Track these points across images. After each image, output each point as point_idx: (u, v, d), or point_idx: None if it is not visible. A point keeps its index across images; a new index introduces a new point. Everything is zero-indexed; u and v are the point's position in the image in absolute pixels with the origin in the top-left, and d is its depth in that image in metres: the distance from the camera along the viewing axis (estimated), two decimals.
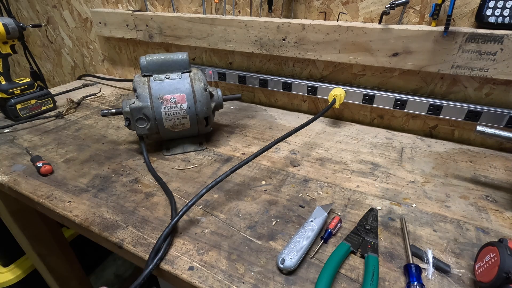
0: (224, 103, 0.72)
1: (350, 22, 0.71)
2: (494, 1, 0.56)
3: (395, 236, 0.45)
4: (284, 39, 0.76)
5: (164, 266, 0.41)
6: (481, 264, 0.37)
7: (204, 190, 0.47)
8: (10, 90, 0.80)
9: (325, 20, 0.73)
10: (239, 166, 0.51)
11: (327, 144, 0.70)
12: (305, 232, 0.43)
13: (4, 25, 0.75)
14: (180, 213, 0.45)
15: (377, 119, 0.80)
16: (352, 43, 0.69)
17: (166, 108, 0.61)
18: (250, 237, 0.45)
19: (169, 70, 0.64)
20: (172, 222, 0.44)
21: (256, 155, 0.54)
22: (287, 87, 0.83)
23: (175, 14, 0.88)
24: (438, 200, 0.52)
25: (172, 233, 0.44)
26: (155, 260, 0.40)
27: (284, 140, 0.71)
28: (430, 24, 0.64)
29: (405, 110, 0.71)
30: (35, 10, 1.29)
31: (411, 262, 0.40)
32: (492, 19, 0.57)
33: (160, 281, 0.93)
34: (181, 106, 0.62)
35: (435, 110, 0.68)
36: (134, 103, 0.61)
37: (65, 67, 1.39)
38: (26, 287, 0.99)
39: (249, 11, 0.81)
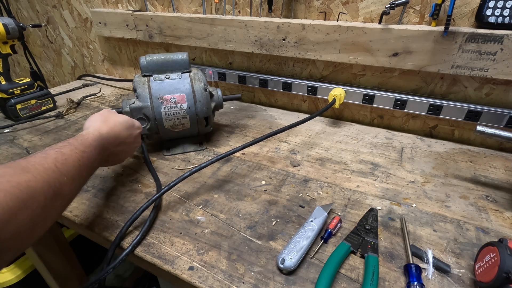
0: (224, 103, 0.72)
1: (350, 22, 0.71)
2: (494, 1, 0.56)
3: (395, 236, 0.45)
4: (284, 39, 0.76)
5: (164, 266, 0.41)
6: (481, 264, 0.37)
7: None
8: (10, 90, 0.80)
9: (325, 20, 0.73)
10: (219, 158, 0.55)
11: (327, 144, 0.70)
12: (305, 232, 0.43)
13: (4, 25, 0.75)
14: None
15: (377, 119, 0.80)
16: (352, 43, 0.69)
17: (166, 108, 0.61)
18: (250, 237, 0.45)
19: (169, 70, 0.64)
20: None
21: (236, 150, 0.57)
22: (287, 87, 0.83)
23: (175, 14, 0.88)
24: (438, 200, 0.52)
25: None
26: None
27: (284, 140, 0.71)
28: (430, 24, 0.64)
29: (405, 110, 0.71)
30: (35, 10, 1.29)
31: (411, 262, 0.40)
32: (492, 19, 0.57)
33: (160, 281, 0.93)
34: (181, 106, 0.62)
35: (435, 110, 0.68)
36: (134, 103, 0.61)
37: (65, 67, 1.39)
38: (26, 287, 0.99)
39: (249, 11, 0.81)
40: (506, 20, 0.56)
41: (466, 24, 0.61)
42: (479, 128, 0.52)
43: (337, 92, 0.73)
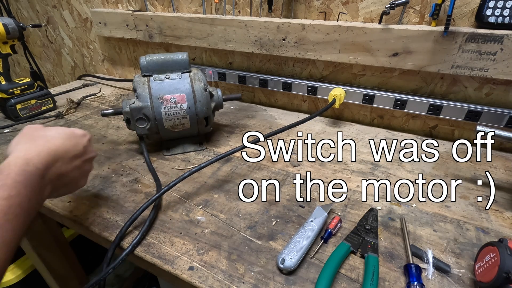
0: (224, 103, 0.72)
1: (350, 22, 0.71)
2: (494, 1, 0.56)
3: (395, 236, 0.45)
4: (284, 39, 0.76)
5: (164, 266, 0.41)
6: (481, 264, 0.37)
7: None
8: (10, 90, 0.80)
9: (325, 20, 0.73)
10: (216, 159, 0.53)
11: None
12: (305, 232, 0.43)
13: (4, 25, 0.75)
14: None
15: (377, 119, 0.80)
16: (352, 43, 0.69)
17: (166, 108, 0.61)
18: (250, 237, 0.45)
19: (169, 70, 0.64)
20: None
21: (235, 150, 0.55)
22: (287, 87, 0.83)
23: (175, 14, 0.88)
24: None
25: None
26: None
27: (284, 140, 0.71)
28: (430, 24, 0.64)
29: (405, 110, 0.71)
30: (35, 10, 1.29)
31: (411, 262, 0.40)
32: (492, 19, 0.57)
33: (160, 281, 0.94)
34: (181, 106, 0.62)
35: (435, 110, 0.68)
36: (134, 103, 0.61)
37: (65, 67, 1.39)
38: (26, 287, 0.99)
39: (249, 11, 0.81)
40: (506, 20, 0.56)
41: (466, 24, 0.61)
42: (479, 128, 0.52)
43: (337, 92, 0.73)
